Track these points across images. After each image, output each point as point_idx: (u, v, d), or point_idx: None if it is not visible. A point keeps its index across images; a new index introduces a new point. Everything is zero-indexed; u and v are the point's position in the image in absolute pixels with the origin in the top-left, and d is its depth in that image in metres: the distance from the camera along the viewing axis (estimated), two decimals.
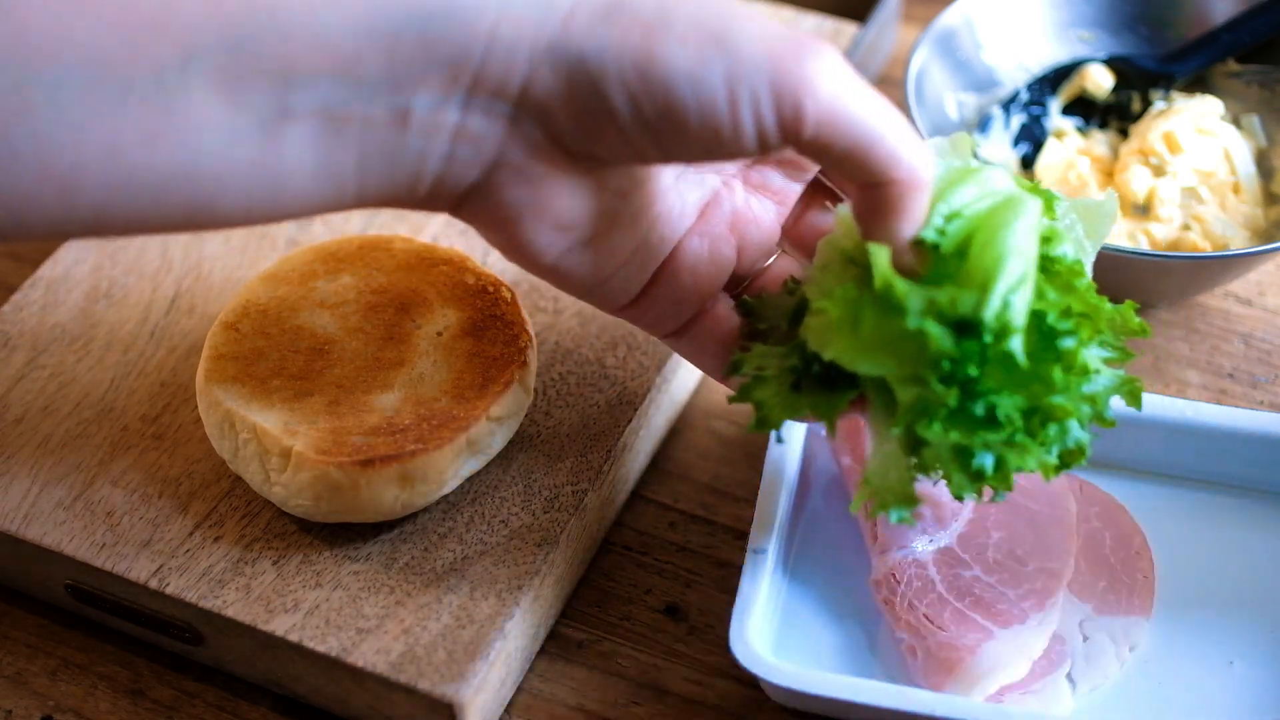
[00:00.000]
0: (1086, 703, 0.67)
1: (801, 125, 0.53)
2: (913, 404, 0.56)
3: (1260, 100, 0.88)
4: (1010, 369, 0.56)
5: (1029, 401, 0.57)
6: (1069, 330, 0.57)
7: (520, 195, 0.56)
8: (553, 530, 0.69)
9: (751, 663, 0.64)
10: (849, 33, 0.95)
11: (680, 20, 0.52)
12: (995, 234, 0.56)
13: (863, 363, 0.56)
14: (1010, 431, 0.57)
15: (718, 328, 0.64)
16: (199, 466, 0.72)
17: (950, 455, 0.58)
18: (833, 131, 0.53)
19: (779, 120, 0.53)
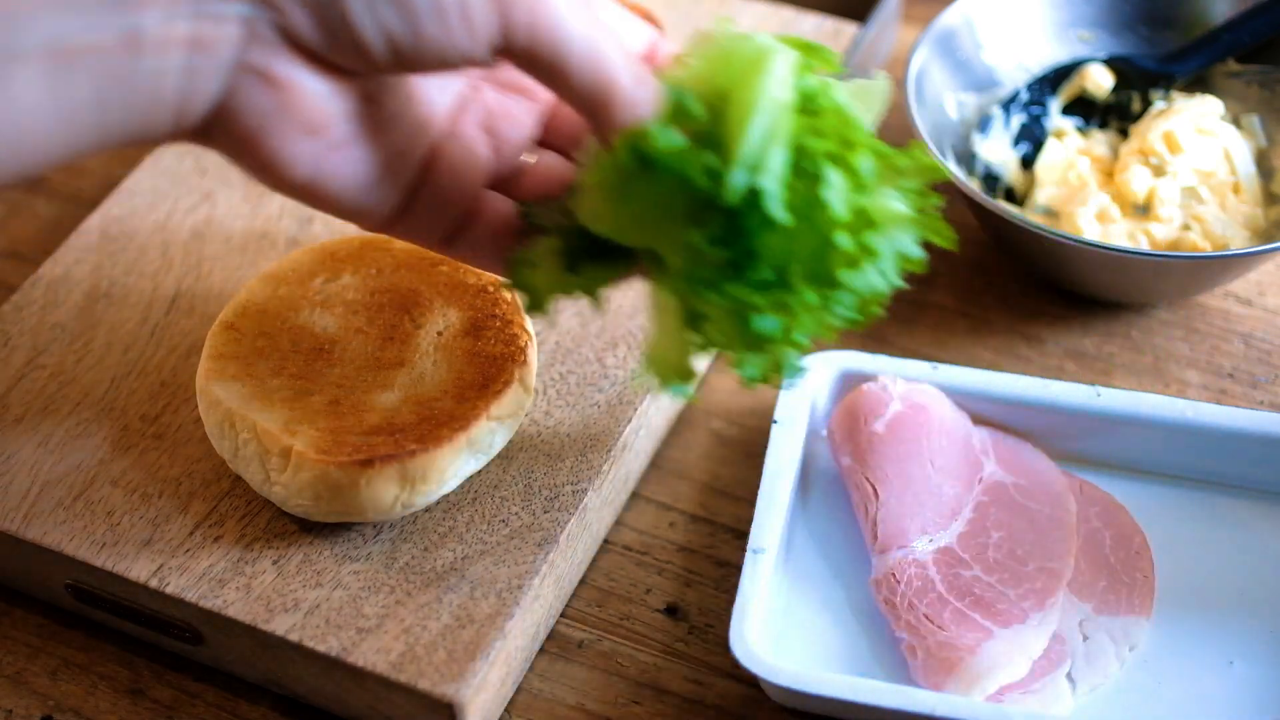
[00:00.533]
0: (1086, 703, 0.67)
1: (515, 33, 0.54)
2: (682, 269, 0.56)
3: (1260, 100, 0.88)
4: (777, 224, 0.55)
5: (803, 253, 0.56)
6: (838, 168, 0.56)
7: (264, 102, 0.55)
8: (553, 530, 0.69)
9: (751, 663, 0.64)
10: (849, 33, 0.95)
11: None
12: (744, 92, 0.56)
13: (630, 232, 0.56)
14: (784, 289, 0.56)
15: (491, 226, 0.64)
16: (199, 466, 0.72)
17: (729, 323, 0.57)
18: (542, 46, 0.54)
19: (499, 25, 0.53)
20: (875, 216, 0.58)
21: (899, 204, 0.59)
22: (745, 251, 0.56)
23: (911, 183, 0.60)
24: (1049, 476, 0.74)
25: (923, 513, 0.71)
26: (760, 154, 0.55)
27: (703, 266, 0.56)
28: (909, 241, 0.59)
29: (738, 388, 0.82)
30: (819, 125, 0.57)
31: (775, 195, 0.55)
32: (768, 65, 0.56)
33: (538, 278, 0.61)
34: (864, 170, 0.57)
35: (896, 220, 0.59)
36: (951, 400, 0.75)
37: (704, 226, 0.55)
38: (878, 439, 0.73)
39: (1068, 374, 0.82)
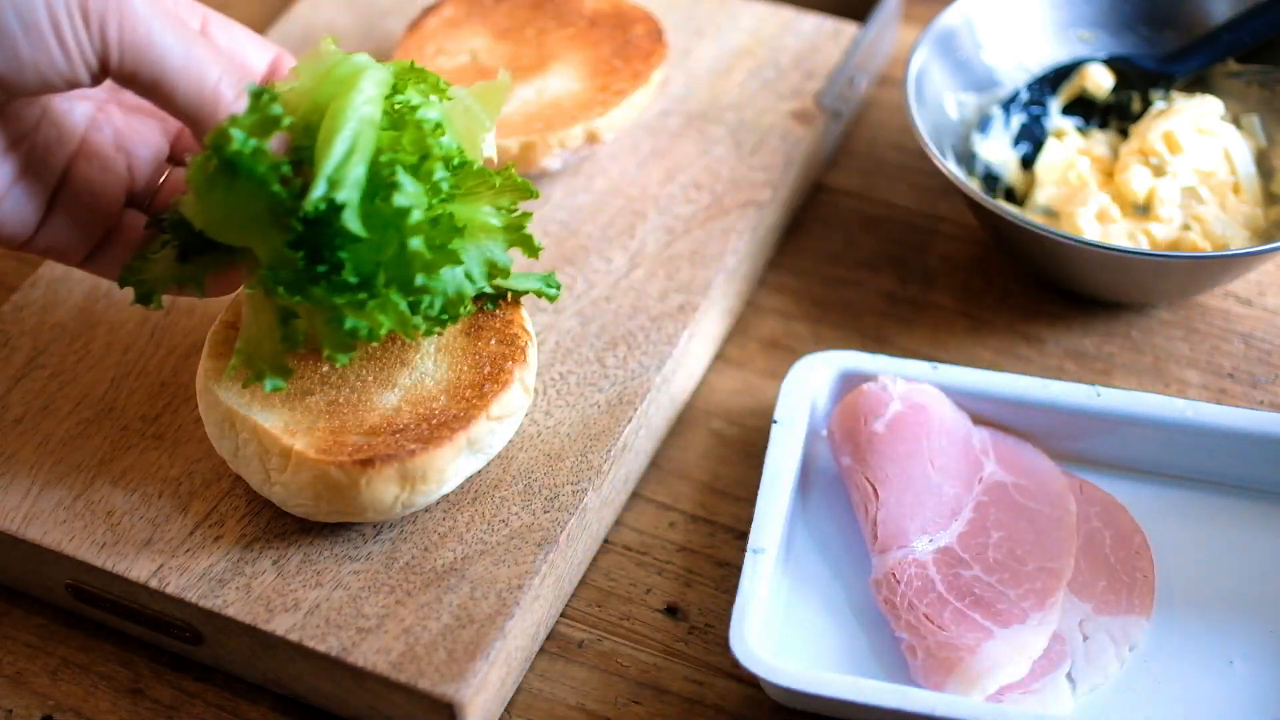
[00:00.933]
0: (1086, 702, 0.67)
1: (109, 52, 0.56)
2: (267, 268, 0.60)
3: (1260, 100, 0.88)
4: (365, 236, 0.59)
5: (385, 258, 0.60)
6: (414, 177, 0.60)
7: None
8: (553, 530, 0.69)
9: (751, 663, 0.64)
10: (849, 33, 0.95)
11: None
12: (334, 107, 0.60)
13: (222, 230, 0.60)
14: (368, 292, 0.60)
15: (130, 243, 0.66)
16: (199, 466, 0.72)
17: (317, 322, 0.62)
18: (139, 63, 0.57)
19: (93, 46, 0.56)
20: (461, 223, 0.63)
21: (491, 216, 0.65)
22: (328, 257, 0.60)
23: (505, 199, 0.66)
24: (1049, 476, 0.74)
25: (923, 513, 0.71)
26: (341, 169, 0.59)
27: (287, 269, 0.60)
28: (498, 249, 0.65)
29: (738, 388, 0.82)
30: (402, 139, 0.61)
31: (353, 210, 0.59)
32: (358, 83, 0.61)
33: (149, 270, 0.65)
34: (438, 177, 0.62)
35: (485, 229, 0.65)
36: (951, 400, 0.75)
37: (286, 231, 0.59)
38: (878, 439, 0.73)
39: (1068, 374, 0.82)
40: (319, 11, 0.98)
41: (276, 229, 0.59)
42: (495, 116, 0.68)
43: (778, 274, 0.88)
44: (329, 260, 0.60)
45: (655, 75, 0.85)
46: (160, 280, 0.65)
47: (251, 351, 0.64)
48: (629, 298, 0.79)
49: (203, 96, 0.58)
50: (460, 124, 0.66)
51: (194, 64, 0.58)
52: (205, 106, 0.59)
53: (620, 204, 0.84)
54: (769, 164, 0.86)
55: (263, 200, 0.59)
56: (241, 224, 0.60)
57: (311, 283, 0.60)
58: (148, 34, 0.57)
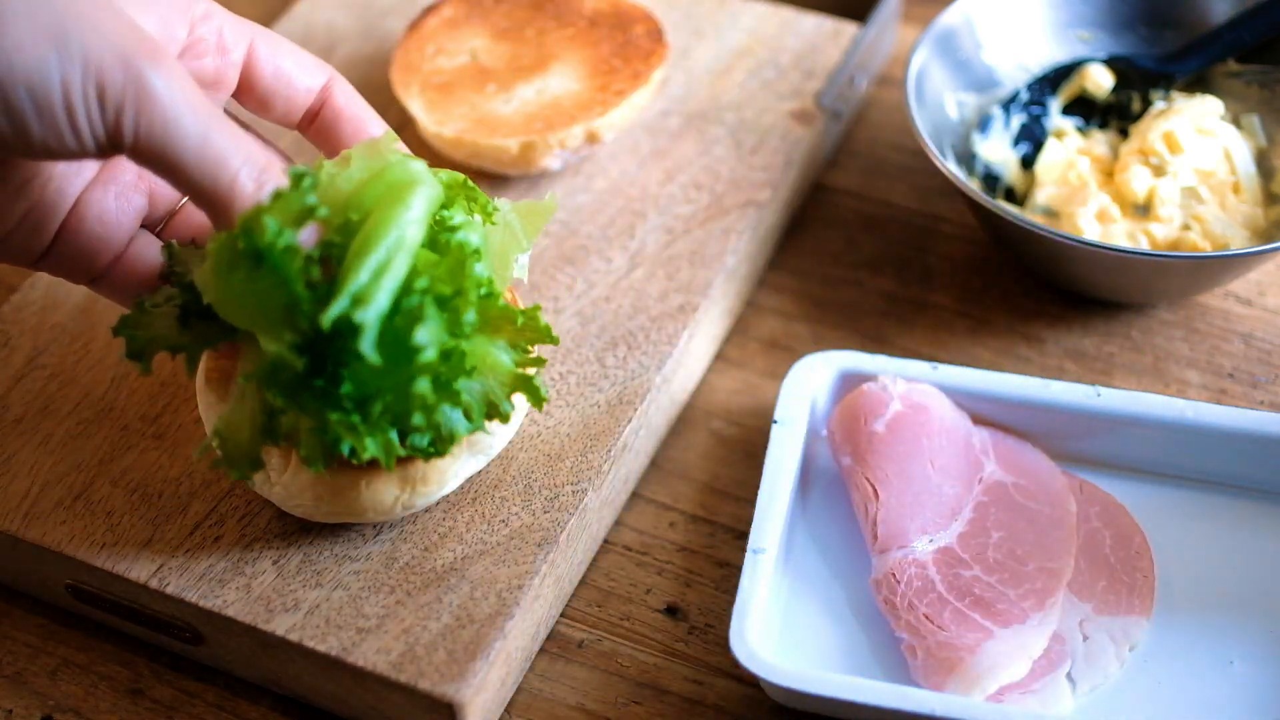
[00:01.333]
0: (1086, 703, 0.67)
1: (122, 137, 0.54)
2: (268, 362, 0.58)
3: (1260, 100, 0.88)
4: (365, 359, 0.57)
5: (383, 387, 0.58)
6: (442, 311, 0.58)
7: None
8: (553, 530, 0.69)
9: (751, 663, 0.64)
10: (849, 33, 0.95)
11: (19, 16, 0.52)
12: (376, 217, 0.58)
13: (230, 311, 0.58)
14: (350, 413, 0.58)
15: (136, 269, 0.65)
16: (199, 466, 0.72)
17: (300, 427, 0.60)
18: (152, 150, 0.55)
19: (106, 129, 0.54)
20: (473, 362, 0.60)
21: (504, 355, 0.62)
22: (330, 371, 0.57)
23: (523, 339, 0.62)
24: (1049, 476, 0.74)
25: (923, 513, 0.71)
26: (368, 289, 0.56)
27: (287, 371, 0.57)
28: (501, 394, 0.62)
29: (738, 388, 0.82)
30: (438, 266, 0.59)
31: (370, 334, 0.56)
32: (408, 199, 0.58)
33: (146, 327, 0.63)
34: (466, 320, 0.59)
35: (495, 370, 0.62)
36: (951, 400, 0.75)
37: (297, 332, 0.57)
38: (878, 439, 0.73)
39: (1068, 374, 0.82)
40: (319, 11, 0.98)
41: (288, 327, 0.57)
42: (534, 238, 0.66)
43: (778, 274, 0.88)
44: (330, 374, 0.58)
45: (655, 75, 0.85)
46: (155, 341, 0.63)
47: (227, 436, 0.61)
48: (629, 298, 0.79)
49: (218, 189, 0.57)
50: (497, 243, 0.65)
51: (211, 154, 0.56)
52: (220, 199, 0.57)
53: (620, 204, 0.84)
54: (769, 164, 0.86)
55: (282, 297, 0.57)
56: (254, 313, 0.58)
57: (308, 391, 0.58)
58: (164, 123, 0.55)
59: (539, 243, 0.82)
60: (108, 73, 0.54)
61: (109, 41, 0.54)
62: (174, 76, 0.55)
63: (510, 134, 0.82)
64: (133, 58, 0.54)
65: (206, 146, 0.56)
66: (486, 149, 0.82)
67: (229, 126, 0.57)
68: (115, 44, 0.54)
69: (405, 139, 0.89)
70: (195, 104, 0.55)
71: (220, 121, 0.56)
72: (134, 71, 0.54)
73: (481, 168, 0.84)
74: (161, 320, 0.63)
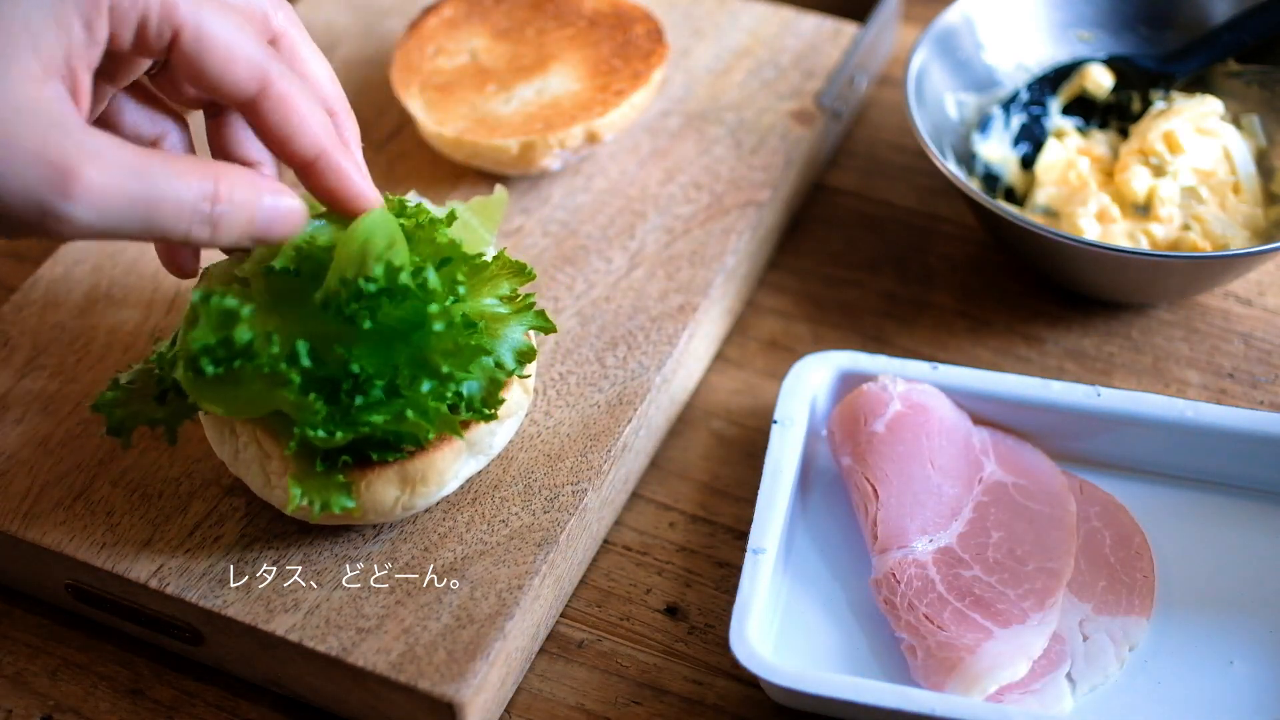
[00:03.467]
0: (1086, 703, 0.67)
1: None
2: (298, 425, 0.61)
3: (1260, 100, 0.88)
4: (376, 345, 0.60)
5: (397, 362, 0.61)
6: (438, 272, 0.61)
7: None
8: (553, 530, 0.69)
9: (751, 663, 0.64)
10: (849, 33, 0.95)
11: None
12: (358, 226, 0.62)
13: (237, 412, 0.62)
14: (389, 401, 0.61)
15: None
16: (199, 467, 0.72)
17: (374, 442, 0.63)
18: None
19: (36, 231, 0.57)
20: (478, 319, 0.64)
21: (496, 306, 0.66)
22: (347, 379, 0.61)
23: (504, 286, 0.66)
24: (1049, 476, 0.74)
25: (923, 513, 0.71)
26: (387, 252, 0.60)
27: (309, 414, 0.61)
28: (518, 335, 0.66)
29: (738, 388, 0.82)
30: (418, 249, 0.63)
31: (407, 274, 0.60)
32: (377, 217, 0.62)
33: (124, 403, 0.66)
34: (459, 279, 0.63)
35: (499, 319, 0.65)
36: (951, 400, 0.75)
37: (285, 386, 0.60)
38: (878, 439, 0.73)
39: (1068, 374, 0.81)
40: (319, 11, 0.98)
41: (281, 390, 0.60)
42: (494, 230, 0.69)
43: (778, 274, 0.88)
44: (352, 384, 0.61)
45: (655, 75, 0.85)
46: (133, 417, 0.66)
47: (308, 483, 0.64)
48: (629, 298, 0.79)
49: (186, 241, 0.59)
50: (465, 239, 0.67)
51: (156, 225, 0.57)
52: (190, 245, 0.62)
53: (620, 204, 0.84)
54: (769, 164, 0.86)
55: (258, 383, 0.60)
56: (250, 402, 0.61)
57: (344, 415, 0.61)
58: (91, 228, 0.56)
59: (539, 242, 0.82)
60: (25, 216, 0.55)
61: (12, 186, 0.54)
62: (93, 192, 0.55)
63: (510, 134, 0.82)
64: (44, 203, 0.55)
65: (149, 222, 0.57)
66: (486, 149, 0.82)
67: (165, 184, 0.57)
68: (21, 187, 0.54)
69: (405, 139, 0.89)
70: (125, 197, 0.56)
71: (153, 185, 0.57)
72: (47, 209, 0.55)
73: (481, 168, 0.84)
74: (138, 397, 0.66)
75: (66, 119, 0.56)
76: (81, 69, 0.57)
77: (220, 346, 0.60)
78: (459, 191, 0.86)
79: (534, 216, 0.84)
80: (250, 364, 0.60)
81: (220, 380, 0.60)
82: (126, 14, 0.57)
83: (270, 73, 0.60)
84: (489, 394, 0.64)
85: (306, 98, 0.62)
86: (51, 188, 0.55)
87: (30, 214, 0.55)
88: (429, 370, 0.62)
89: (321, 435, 0.61)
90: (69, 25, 0.57)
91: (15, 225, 0.56)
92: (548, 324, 0.67)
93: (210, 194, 0.58)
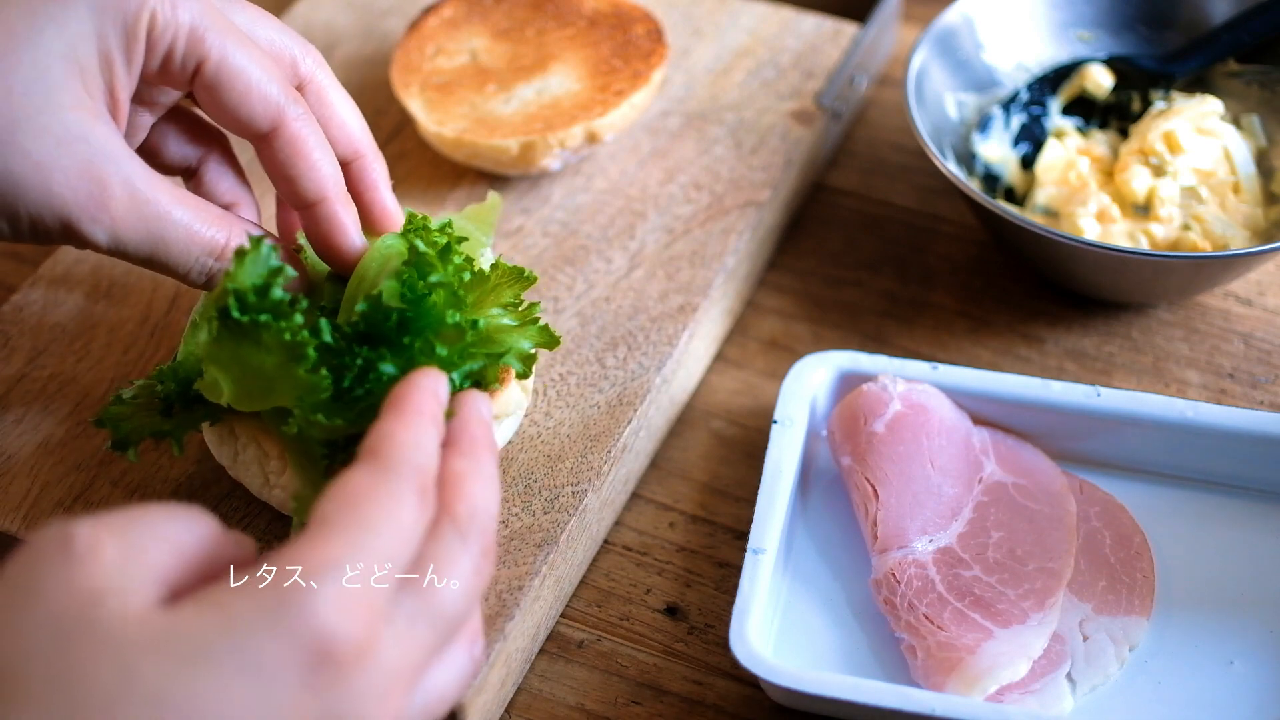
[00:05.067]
0: (1086, 703, 0.67)
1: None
2: (298, 406, 0.60)
3: (1260, 100, 0.88)
4: (390, 346, 0.61)
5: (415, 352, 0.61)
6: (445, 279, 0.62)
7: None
8: (553, 530, 0.69)
9: (751, 663, 0.64)
10: (849, 33, 0.95)
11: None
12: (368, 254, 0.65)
13: (244, 389, 0.62)
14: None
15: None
16: (199, 468, 0.72)
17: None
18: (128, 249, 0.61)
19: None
20: (485, 333, 0.64)
21: (501, 317, 0.66)
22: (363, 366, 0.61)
23: (507, 295, 0.66)
24: (1049, 476, 0.74)
25: (923, 513, 0.71)
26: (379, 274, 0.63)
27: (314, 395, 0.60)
28: (524, 345, 0.66)
29: (738, 388, 0.82)
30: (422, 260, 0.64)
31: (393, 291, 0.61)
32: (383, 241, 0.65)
33: (129, 418, 0.66)
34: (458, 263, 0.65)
35: (505, 330, 0.66)
36: (951, 400, 0.75)
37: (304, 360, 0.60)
38: (878, 439, 0.73)
39: (1068, 374, 0.81)
40: (319, 11, 0.98)
41: (296, 365, 0.60)
42: (490, 234, 0.71)
43: (778, 274, 0.88)
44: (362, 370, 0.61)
45: (655, 75, 0.85)
46: (139, 430, 0.66)
47: (304, 505, 0.63)
48: (629, 298, 0.79)
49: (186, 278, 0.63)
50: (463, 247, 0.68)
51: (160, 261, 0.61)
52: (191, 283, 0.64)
53: (620, 204, 0.84)
54: (769, 164, 0.86)
55: (276, 351, 0.60)
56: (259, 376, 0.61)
57: (346, 404, 0.61)
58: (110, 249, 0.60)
59: (539, 242, 0.82)
60: (46, 224, 0.58)
61: (45, 205, 0.58)
62: (116, 220, 0.59)
63: (510, 134, 0.82)
64: (71, 218, 0.58)
65: (154, 257, 0.61)
66: (486, 149, 0.82)
67: (179, 231, 0.61)
68: (51, 203, 0.58)
69: (405, 139, 0.89)
70: (142, 232, 0.60)
71: (169, 229, 0.61)
72: (71, 227, 0.59)
73: (481, 168, 0.84)
74: (143, 410, 0.66)
75: (109, 143, 0.59)
76: (122, 95, 0.60)
77: (255, 293, 0.59)
78: (459, 191, 0.86)
79: (534, 216, 0.84)
80: (275, 324, 0.59)
81: (241, 335, 0.60)
82: (157, 43, 0.60)
83: (286, 114, 0.63)
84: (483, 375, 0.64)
85: (320, 144, 0.64)
86: (83, 210, 0.58)
87: (54, 227, 0.59)
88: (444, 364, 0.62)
89: (321, 419, 0.60)
90: (110, 51, 0.59)
91: (33, 233, 0.59)
92: (552, 340, 0.67)
93: (218, 250, 0.62)
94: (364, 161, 0.68)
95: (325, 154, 0.64)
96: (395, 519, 0.49)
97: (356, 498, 0.49)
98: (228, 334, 0.60)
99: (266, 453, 0.66)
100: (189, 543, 0.49)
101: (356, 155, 0.67)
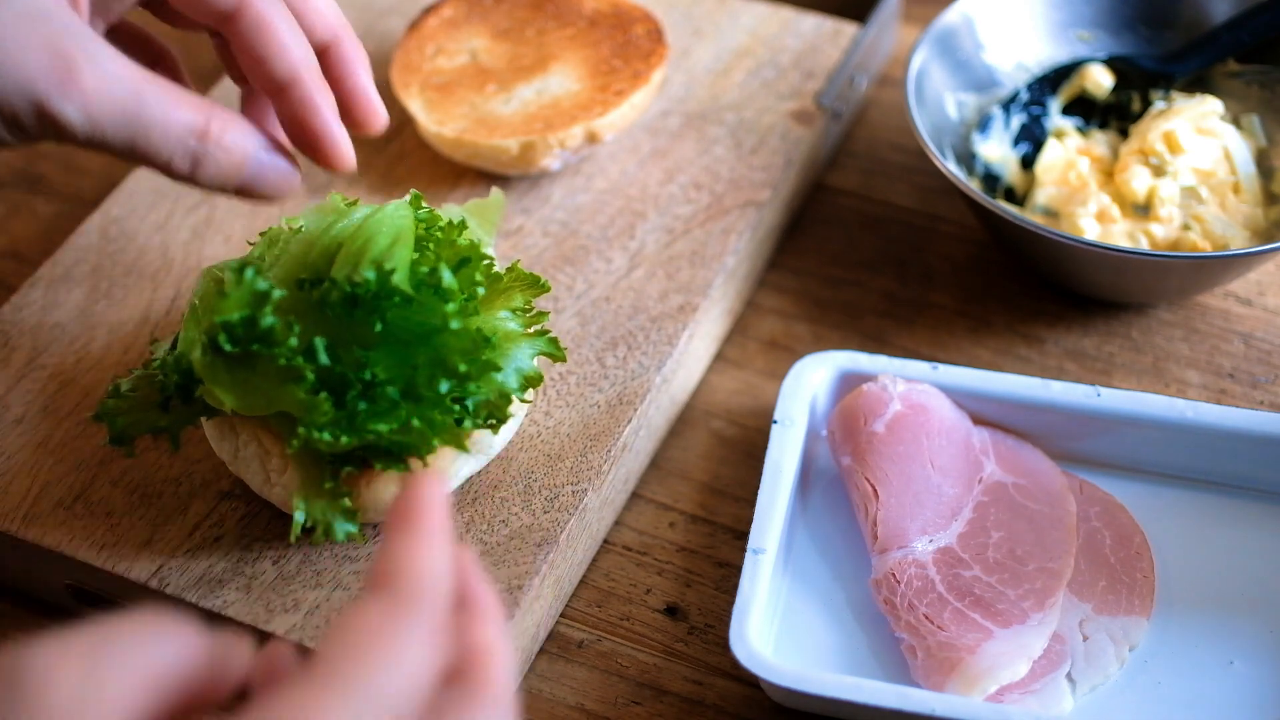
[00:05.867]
0: (1086, 703, 0.67)
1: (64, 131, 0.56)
2: (302, 425, 0.60)
3: (1260, 100, 0.88)
4: (394, 348, 0.60)
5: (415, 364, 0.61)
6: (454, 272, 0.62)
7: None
8: (553, 530, 0.69)
9: (751, 663, 0.64)
10: (849, 33, 0.95)
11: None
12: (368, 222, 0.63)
13: (245, 405, 0.61)
14: (400, 404, 0.61)
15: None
16: (199, 467, 0.72)
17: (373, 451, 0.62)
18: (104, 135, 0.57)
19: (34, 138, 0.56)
20: (490, 335, 0.63)
21: (509, 321, 0.66)
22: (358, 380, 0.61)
23: (518, 299, 0.66)
24: (1049, 476, 0.74)
25: (923, 513, 0.71)
26: (388, 251, 0.61)
27: (318, 414, 0.60)
28: (526, 358, 0.65)
29: (738, 388, 0.82)
30: (439, 251, 0.64)
31: (403, 275, 0.60)
32: (384, 208, 0.63)
33: (126, 412, 0.65)
34: (477, 279, 0.63)
35: (511, 337, 0.65)
36: (951, 400, 0.75)
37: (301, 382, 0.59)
38: (878, 439, 0.73)
39: (1068, 374, 0.81)
40: None
41: (295, 386, 0.60)
42: (493, 231, 0.70)
43: (778, 274, 0.88)
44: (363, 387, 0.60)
45: (655, 75, 0.85)
46: (136, 425, 0.65)
47: (310, 507, 0.64)
48: (629, 298, 0.79)
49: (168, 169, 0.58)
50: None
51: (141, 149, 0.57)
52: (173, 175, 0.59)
53: (620, 204, 0.84)
54: (769, 164, 0.86)
55: (272, 374, 0.60)
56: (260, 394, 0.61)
57: (350, 420, 0.60)
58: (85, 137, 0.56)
59: (539, 242, 0.82)
60: (16, 108, 0.55)
61: (11, 77, 0.54)
62: (88, 95, 0.55)
63: (510, 134, 0.82)
64: (39, 95, 0.55)
65: (134, 140, 0.57)
66: (486, 149, 0.82)
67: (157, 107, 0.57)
68: (18, 79, 0.54)
69: (405, 139, 0.89)
70: (117, 108, 0.56)
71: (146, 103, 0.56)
72: (42, 107, 0.55)
73: (482, 168, 0.84)
74: (141, 404, 0.65)
75: (74, 24, 0.56)
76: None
77: (242, 325, 0.59)
78: (459, 191, 0.86)
79: (534, 216, 0.84)
80: (268, 351, 0.59)
81: (235, 363, 0.60)
82: None
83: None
84: (496, 408, 0.64)
85: (289, 25, 0.61)
86: (51, 84, 0.55)
87: (25, 109, 0.55)
88: (447, 370, 0.61)
89: (326, 438, 0.60)
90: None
91: (9, 121, 0.55)
92: (558, 352, 0.66)
93: (199, 129, 0.58)
94: (341, 46, 0.64)
95: (295, 35, 0.61)
96: (403, 665, 0.44)
97: (363, 636, 0.44)
98: (221, 361, 0.60)
99: (268, 450, 0.66)
100: (163, 669, 0.43)
101: (333, 39, 0.64)
